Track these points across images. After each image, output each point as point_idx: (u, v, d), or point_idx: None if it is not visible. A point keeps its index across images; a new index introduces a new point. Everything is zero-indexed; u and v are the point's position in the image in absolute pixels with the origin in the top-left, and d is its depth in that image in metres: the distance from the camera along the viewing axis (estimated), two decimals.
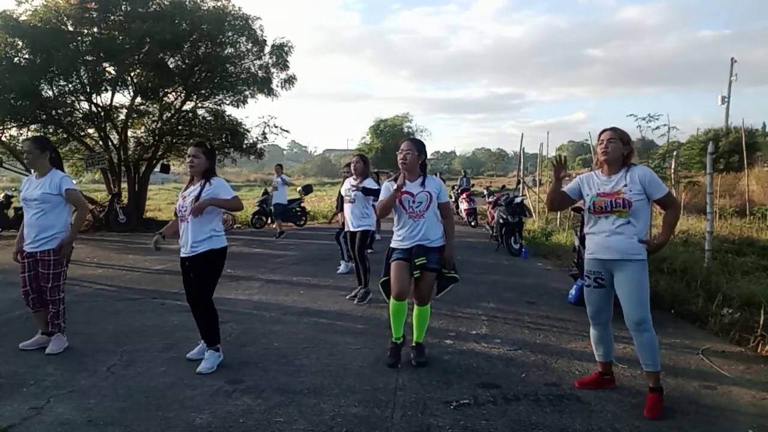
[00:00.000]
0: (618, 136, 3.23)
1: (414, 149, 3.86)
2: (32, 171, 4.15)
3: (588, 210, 3.30)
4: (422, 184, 3.85)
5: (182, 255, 3.79)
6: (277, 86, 15.13)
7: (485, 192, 14.55)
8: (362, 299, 5.76)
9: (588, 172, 3.45)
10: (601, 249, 3.23)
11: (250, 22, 14.30)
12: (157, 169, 14.94)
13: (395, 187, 3.78)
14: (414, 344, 3.93)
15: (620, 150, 3.21)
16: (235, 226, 13.89)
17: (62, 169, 4.17)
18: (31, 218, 3.98)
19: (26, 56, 12.55)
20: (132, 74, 13.62)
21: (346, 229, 6.25)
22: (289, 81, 15.27)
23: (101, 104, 14.04)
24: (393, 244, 3.93)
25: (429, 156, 4.24)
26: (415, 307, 3.92)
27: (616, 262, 3.18)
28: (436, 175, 5.03)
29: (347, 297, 5.94)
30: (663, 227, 3.23)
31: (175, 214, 3.84)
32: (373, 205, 5.40)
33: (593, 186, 3.29)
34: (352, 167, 6.20)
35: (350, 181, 6.12)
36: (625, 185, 3.15)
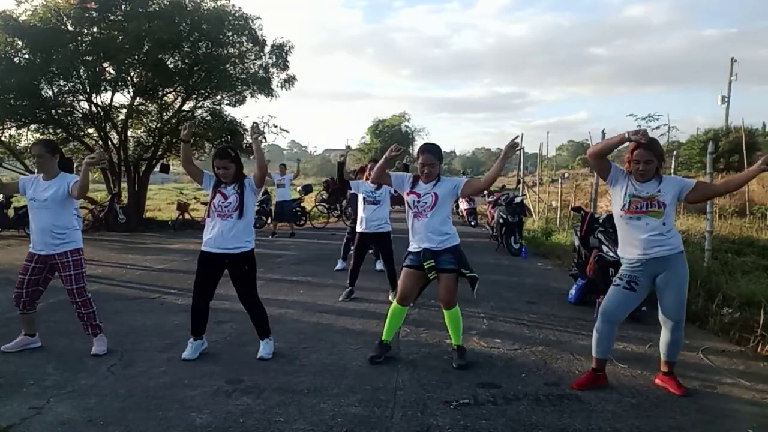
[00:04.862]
0: (654, 154, 3.26)
1: (436, 161, 3.85)
2: (36, 172, 4.13)
3: (622, 208, 3.33)
4: (434, 186, 3.85)
5: (220, 252, 3.83)
6: (277, 86, 15.13)
7: (485, 192, 14.52)
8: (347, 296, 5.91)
9: (623, 170, 3.42)
10: (646, 249, 3.26)
11: (249, 21, 14.28)
12: (157, 169, 14.93)
13: (385, 157, 3.75)
14: (455, 347, 3.93)
15: (655, 167, 3.29)
16: None
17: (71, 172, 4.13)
18: (42, 221, 3.90)
19: (26, 56, 12.54)
20: (131, 74, 13.62)
21: (361, 230, 5.97)
22: (289, 81, 15.26)
23: (101, 104, 14.03)
24: (409, 248, 3.97)
25: None
26: (444, 311, 3.93)
27: (663, 261, 3.26)
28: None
29: (340, 299, 5.86)
30: (738, 176, 3.47)
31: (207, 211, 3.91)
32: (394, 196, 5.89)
33: (631, 186, 3.32)
34: (369, 172, 6.00)
35: (367, 185, 5.94)
36: (659, 190, 3.27)
